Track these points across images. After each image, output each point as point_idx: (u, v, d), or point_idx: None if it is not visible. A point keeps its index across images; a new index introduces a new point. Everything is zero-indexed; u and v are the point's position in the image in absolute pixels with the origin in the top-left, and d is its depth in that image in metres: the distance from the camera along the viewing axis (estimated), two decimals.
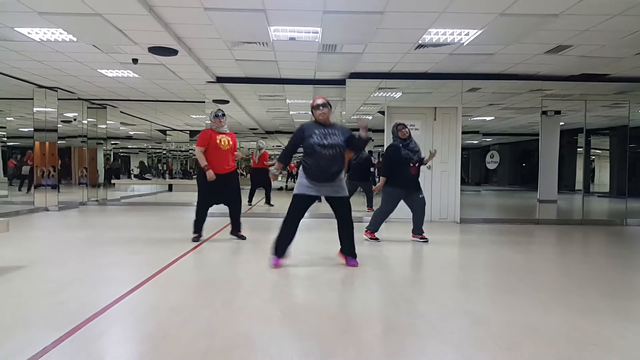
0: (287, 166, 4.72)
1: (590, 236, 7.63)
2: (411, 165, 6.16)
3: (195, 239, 6.17)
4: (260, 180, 11.16)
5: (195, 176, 6.25)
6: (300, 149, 4.76)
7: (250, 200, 11.13)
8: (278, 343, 2.73)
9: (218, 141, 6.04)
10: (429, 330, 2.97)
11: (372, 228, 6.46)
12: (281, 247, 4.77)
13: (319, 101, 4.71)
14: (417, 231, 6.41)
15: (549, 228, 8.36)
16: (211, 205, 6.27)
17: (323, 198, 4.87)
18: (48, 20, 5.79)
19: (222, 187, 6.09)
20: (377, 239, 6.42)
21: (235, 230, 6.39)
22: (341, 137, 4.69)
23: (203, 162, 5.97)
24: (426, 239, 6.37)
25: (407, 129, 6.27)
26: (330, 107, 4.75)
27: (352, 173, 9.78)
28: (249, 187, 11.10)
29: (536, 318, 3.25)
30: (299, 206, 4.75)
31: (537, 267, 5.16)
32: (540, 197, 9.48)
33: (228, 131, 6.24)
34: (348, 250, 4.89)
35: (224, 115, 6.17)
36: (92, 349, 2.65)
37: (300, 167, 4.79)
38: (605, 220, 9.79)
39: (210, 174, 5.93)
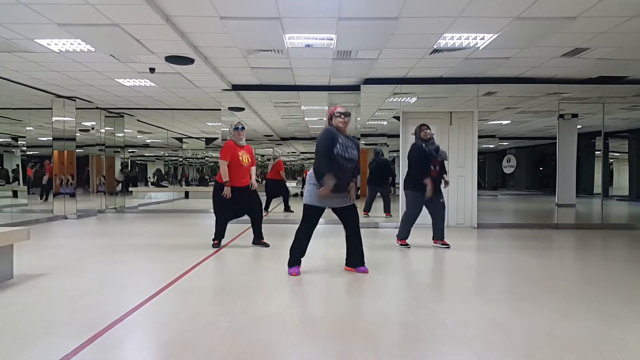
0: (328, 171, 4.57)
1: (610, 240, 7.50)
2: (432, 167, 6.15)
3: (214, 245, 6.32)
4: (276, 189, 11.31)
5: (212, 184, 6.31)
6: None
7: (266, 208, 11.22)
8: (296, 350, 2.73)
9: (240, 158, 6.14)
10: (447, 337, 2.94)
11: (402, 235, 6.43)
12: (296, 256, 4.79)
13: (341, 109, 4.65)
14: (439, 236, 6.40)
15: (568, 232, 8.25)
16: (230, 219, 6.42)
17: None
18: (67, 31, 5.89)
19: (240, 199, 6.19)
20: (407, 245, 6.37)
21: (258, 239, 6.48)
22: (356, 152, 4.66)
23: (226, 177, 6.06)
24: (448, 245, 6.35)
25: (429, 131, 6.25)
26: (350, 116, 4.70)
27: (370, 177, 9.77)
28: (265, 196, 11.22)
29: (556, 324, 3.20)
30: (315, 217, 4.72)
31: (556, 272, 5.10)
32: (558, 201, 9.36)
33: (246, 144, 6.33)
34: (358, 261, 4.87)
35: (243, 128, 6.25)
36: (112, 356, 2.67)
37: (313, 177, 4.66)
38: (625, 224, 9.64)
39: (227, 190, 6.04)
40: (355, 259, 4.87)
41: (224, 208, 6.23)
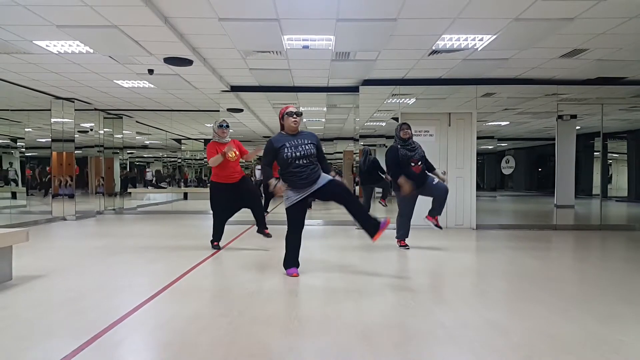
0: (272, 176, 4.63)
1: (609, 241, 7.51)
2: (412, 164, 6.04)
3: (213, 247, 6.31)
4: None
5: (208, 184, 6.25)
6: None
7: (265, 209, 11.19)
8: (295, 351, 2.73)
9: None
10: (447, 339, 2.94)
11: (400, 235, 6.39)
12: (292, 258, 4.77)
13: (293, 109, 4.63)
14: (432, 213, 6.19)
15: (567, 233, 8.26)
16: (229, 217, 6.37)
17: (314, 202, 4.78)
18: (66, 33, 5.89)
19: (235, 194, 6.12)
20: (406, 246, 6.33)
21: (262, 228, 6.29)
22: (312, 144, 4.62)
23: (219, 159, 5.90)
24: (440, 226, 6.22)
25: (409, 130, 6.15)
26: (301, 115, 4.70)
27: (363, 178, 9.72)
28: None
29: (556, 326, 3.20)
30: (297, 216, 4.69)
31: (555, 273, 5.09)
32: (557, 202, 9.36)
33: (229, 140, 6.15)
34: (371, 228, 4.57)
35: (228, 126, 6.12)
36: (111, 357, 2.67)
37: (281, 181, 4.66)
38: (624, 225, 9.64)
39: (230, 150, 5.88)
40: (369, 226, 4.59)
41: (220, 206, 6.21)
